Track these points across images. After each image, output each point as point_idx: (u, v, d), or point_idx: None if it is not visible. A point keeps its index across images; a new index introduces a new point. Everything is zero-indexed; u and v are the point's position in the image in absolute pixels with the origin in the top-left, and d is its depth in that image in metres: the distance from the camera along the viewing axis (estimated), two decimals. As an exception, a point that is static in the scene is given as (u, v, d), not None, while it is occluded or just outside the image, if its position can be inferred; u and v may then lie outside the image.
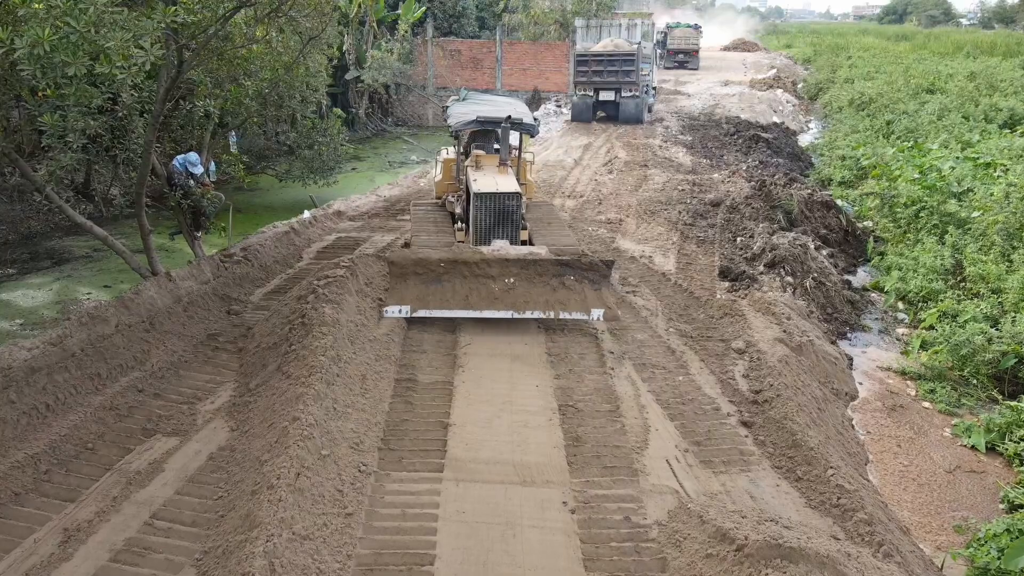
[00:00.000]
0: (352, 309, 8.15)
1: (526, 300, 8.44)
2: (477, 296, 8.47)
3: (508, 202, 9.48)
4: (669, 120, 24.93)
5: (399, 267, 8.72)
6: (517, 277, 8.47)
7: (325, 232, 12.88)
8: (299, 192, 17.49)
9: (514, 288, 8.46)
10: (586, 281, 8.64)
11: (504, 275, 8.47)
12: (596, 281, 8.70)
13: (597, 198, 15.00)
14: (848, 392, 8.73)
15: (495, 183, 9.68)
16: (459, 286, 8.53)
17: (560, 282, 8.56)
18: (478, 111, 10.71)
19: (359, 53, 26.50)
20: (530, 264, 8.51)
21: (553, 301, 8.47)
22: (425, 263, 8.65)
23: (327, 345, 7.20)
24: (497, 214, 9.51)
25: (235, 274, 10.33)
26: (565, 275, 8.56)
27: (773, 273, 10.98)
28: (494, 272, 8.51)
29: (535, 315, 8.51)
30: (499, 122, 10.24)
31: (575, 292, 8.56)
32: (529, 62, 30.04)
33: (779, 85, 35.40)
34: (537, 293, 8.48)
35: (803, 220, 13.65)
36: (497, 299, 8.43)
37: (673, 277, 10.78)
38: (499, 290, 8.46)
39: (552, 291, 8.52)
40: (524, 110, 11.28)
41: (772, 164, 17.97)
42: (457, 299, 8.48)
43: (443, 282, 8.56)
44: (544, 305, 8.45)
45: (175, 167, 9.83)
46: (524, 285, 8.50)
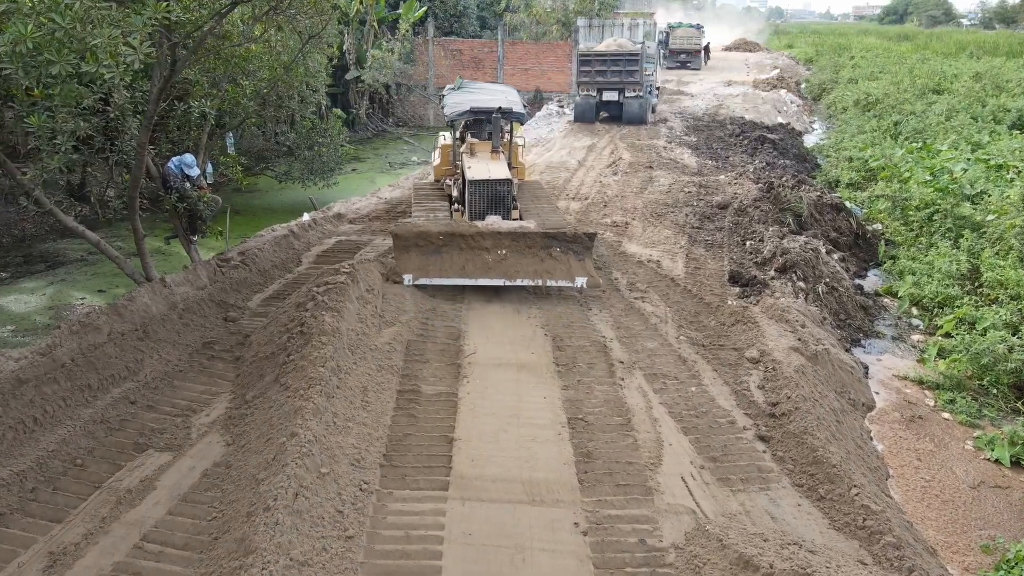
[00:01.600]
0: (353, 317, 7.88)
1: (517, 269, 9.34)
2: (473, 266, 9.35)
3: (499, 187, 10.33)
4: (673, 121, 24.64)
5: (402, 239, 9.43)
6: (509, 249, 9.36)
7: (325, 235, 12.60)
8: (299, 193, 17.24)
9: (506, 259, 9.36)
10: (571, 252, 9.48)
11: (497, 247, 9.36)
12: (580, 252, 9.52)
13: (602, 200, 14.72)
14: (865, 402, 8.46)
15: (488, 170, 10.52)
16: (456, 257, 9.38)
17: (548, 253, 9.43)
18: (472, 100, 11.55)
19: (359, 53, 26.22)
20: (520, 237, 9.38)
21: (541, 270, 9.36)
22: (426, 235, 9.43)
23: (327, 356, 6.92)
24: (490, 198, 10.32)
25: (232, 279, 10.05)
26: (552, 247, 9.41)
27: (784, 278, 10.70)
28: (488, 244, 9.38)
29: (525, 283, 9.42)
30: (491, 112, 11.04)
31: (561, 262, 9.43)
32: (531, 62, 29.77)
33: (783, 85, 35.12)
34: (527, 263, 9.35)
35: (813, 223, 13.37)
36: (491, 268, 9.34)
37: (682, 282, 10.51)
38: (492, 260, 9.35)
39: (540, 261, 9.41)
40: (515, 98, 12.12)
41: (779, 166, 17.69)
42: (455, 268, 9.36)
43: (442, 253, 9.41)
44: (533, 274, 9.37)
45: (170, 169, 9.55)
46: (515, 256, 9.39)
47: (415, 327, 8.61)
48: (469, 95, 12.15)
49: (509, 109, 11.16)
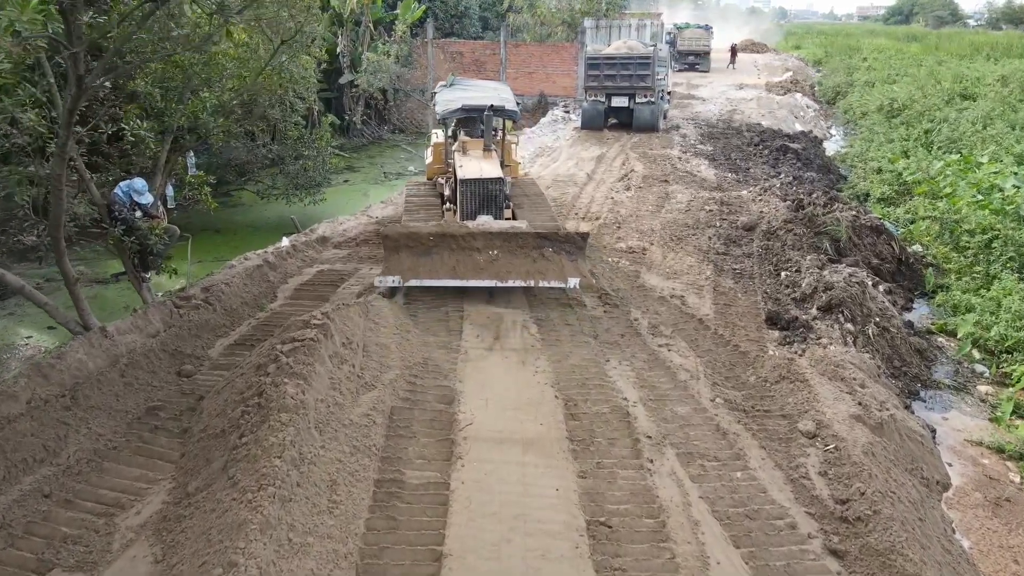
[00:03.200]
0: (323, 383, 6.49)
1: (508, 270, 9.03)
2: (464, 267, 9.05)
3: (491, 186, 10.08)
4: (686, 127, 23.24)
5: (392, 240, 9.18)
6: (500, 249, 9.06)
7: (305, 263, 11.21)
8: (285, 208, 15.83)
9: (497, 259, 9.04)
10: (563, 252, 9.16)
11: (488, 247, 9.07)
12: (572, 253, 9.22)
13: (615, 221, 13.32)
14: (940, 480, 7.05)
15: (480, 168, 10.26)
16: (447, 257, 9.09)
17: (540, 253, 9.15)
18: (464, 98, 11.27)
19: (354, 56, 24.83)
20: (512, 237, 9.09)
21: (533, 271, 9.06)
22: (416, 236, 9.16)
23: (286, 441, 5.54)
24: (482, 197, 10.08)
25: (192, 322, 8.67)
26: (544, 247, 9.11)
27: (830, 319, 9.31)
28: (479, 244, 9.08)
29: (517, 284, 9.10)
30: (483, 110, 10.69)
31: (553, 263, 9.12)
32: (535, 64, 28.37)
33: (797, 88, 33.69)
34: (518, 264, 9.07)
35: (852, 248, 11.96)
36: (482, 269, 9.04)
37: (712, 324, 9.12)
38: (484, 261, 9.06)
39: (532, 262, 9.11)
40: (508, 96, 11.89)
41: (806, 180, 16.27)
42: (445, 269, 9.07)
43: (432, 254, 9.12)
44: (525, 274, 9.07)
45: (117, 196, 8.17)
46: (507, 256, 9.08)
47: (401, 388, 7.22)
48: (462, 92, 11.93)
49: (501, 107, 10.89)
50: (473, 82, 14.11)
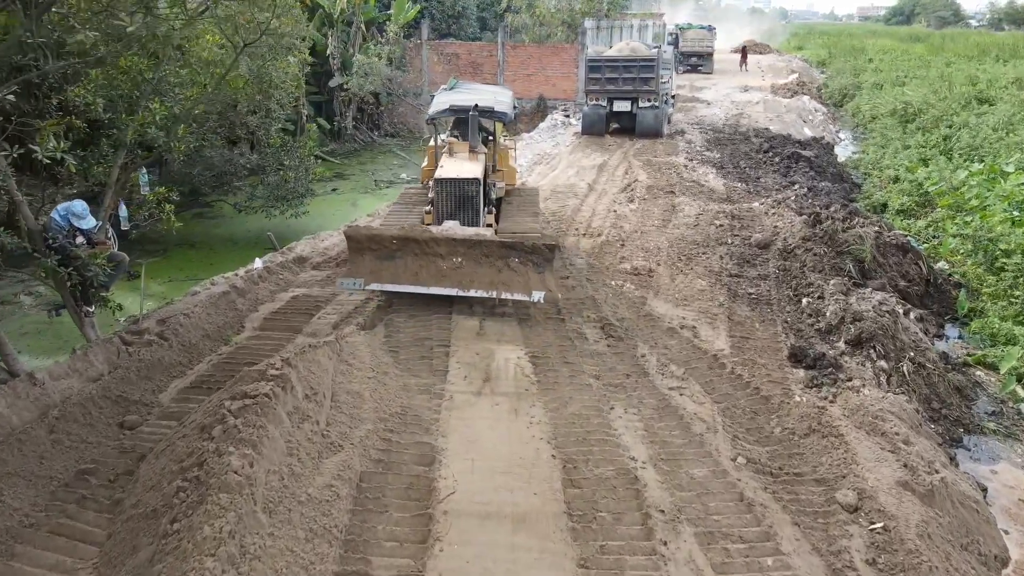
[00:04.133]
0: (277, 450, 5.51)
1: (472, 279, 8.73)
2: (427, 273, 8.81)
3: (467, 187, 9.76)
4: (691, 133, 22.26)
5: (355, 241, 8.95)
6: (464, 257, 8.74)
7: (279, 288, 10.23)
8: (267, 221, 14.81)
9: (461, 267, 8.74)
10: (530, 264, 8.78)
11: (452, 254, 8.76)
12: (540, 264, 8.81)
13: (618, 237, 12.33)
14: (997, 554, 6.06)
15: (458, 169, 9.99)
16: (411, 263, 8.84)
17: (505, 263, 8.77)
18: (454, 100, 10.97)
19: (345, 58, 23.83)
20: (476, 244, 8.77)
21: (497, 281, 8.72)
22: (379, 239, 8.89)
23: (223, 534, 4.56)
24: (457, 199, 9.77)
25: (143, 361, 7.69)
26: (510, 257, 8.75)
27: (860, 355, 8.33)
28: (443, 251, 8.78)
29: (479, 294, 8.75)
30: (469, 110, 10.45)
31: (519, 274, 8.75)
32: (534, 67, 27.37)
33: (804, 91, 32.70)
34: (483, 273, 8.73)
35: (876, 268, 10.97)
36: (445, 276, 8.77)
37: (728, 362, 8.12)
38: (447, 268, 8.77)
39: (497, 272, 8.75)
40: (505, 99, 11.53)
41: (822, 190, 15.30)
42: (408, 274, 8.84)
43: (396, 258, 8.86)
44: (488, 285, 8.72)
45: (54, 221, 7.19)
46: (471, 265, 8.76)
47: (372, 447, 6.23)
48: (458, 95, 11.49)
49: (490, 108, 10.54)
50: (475, 86, 13.57)
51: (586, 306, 9.54)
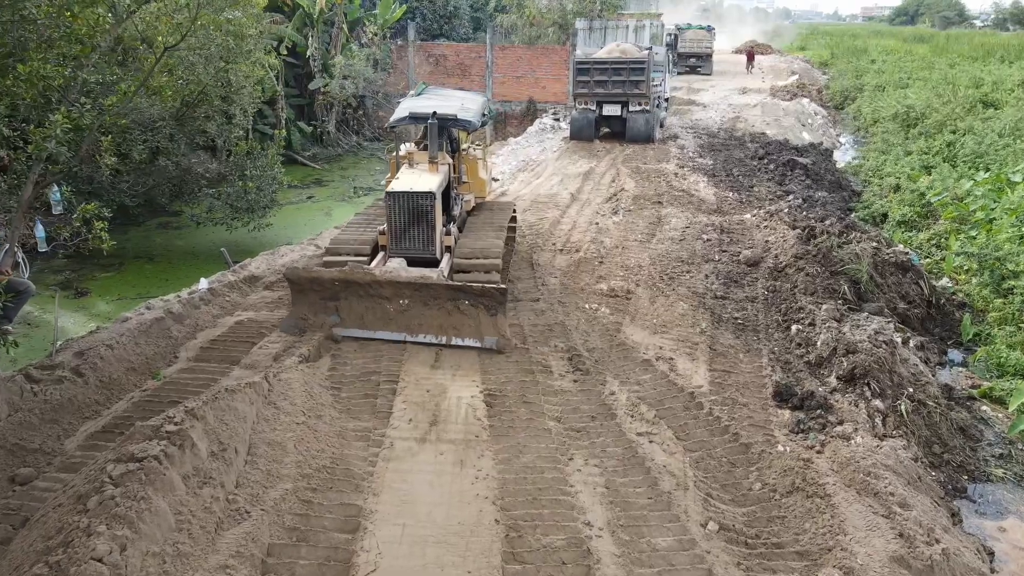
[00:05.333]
0: (163, 526, 4.70)
1: (420, 323, 8.22)
2: (373, 316, 8.29)
3: (420, 202, 8.99)
4: (684, 137, 21.45)
5: (296, 284, 8.48)
6: (411, 299, 8.22)
7: (224, 311, 9.43)
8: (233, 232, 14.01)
9: (408, 309, 8.23)
10: (482, 307, 8.16)
11: (398, 296, 8.23)
12: (492, 308, 8.17)
13: (598, 253, 11.52)
14: (1007, 639, 5.25)
15: (412, 182, 9.22)
16: (355, 304, 8.31)
17: (455, 306, 8.18)
18: (415, 106, 10.26)
19: (325, 59, 23.03)
20: (423, 287, 8.21)
21: (447, 326, 8.21)
22: (319, 281, 8.37)
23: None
24: (410, 214, 9.05)
25: (50, 402, 6.89)
26: (460, 299, 8.15)
27: (852, 392, 7.50)
28: (387, 293, 8.24)
29: (428, 339, 8.19)
30: (428, 117, 9.68)
31: (470, 317, 8.19)
32: (524, 69, 26.55)
33: (804, 93, 31.84)
34: (431, 316, 8.22)
35: (874, 289, 10.15)
36: (391, 320, 8.26)
37: (706, 401, 7.30)
38: (393, 310, 8.27)
39: (447, 315, 8.21)
40: (474, 106, 10.84)
41: (818, 201, 14.47)
42: (353, 318, 8.32)
43: (340, 299, 8.32)
44: (438, 329, 8.21)
45: (-58, 247, 6.43)
46: (418, 307, 8.22)
47: (288, 511, 5.43)
48: (422, 101, 10.79)
49: (452, 115, 9.77)
50: (444, 91, 12.63)
51: (555, 333, 8.75)
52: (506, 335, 8.20)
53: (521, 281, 10.44)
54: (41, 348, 9.31)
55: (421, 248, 9.13)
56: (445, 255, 9.38)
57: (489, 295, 8.08)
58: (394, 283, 8.20)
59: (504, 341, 8.13)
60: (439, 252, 9.24)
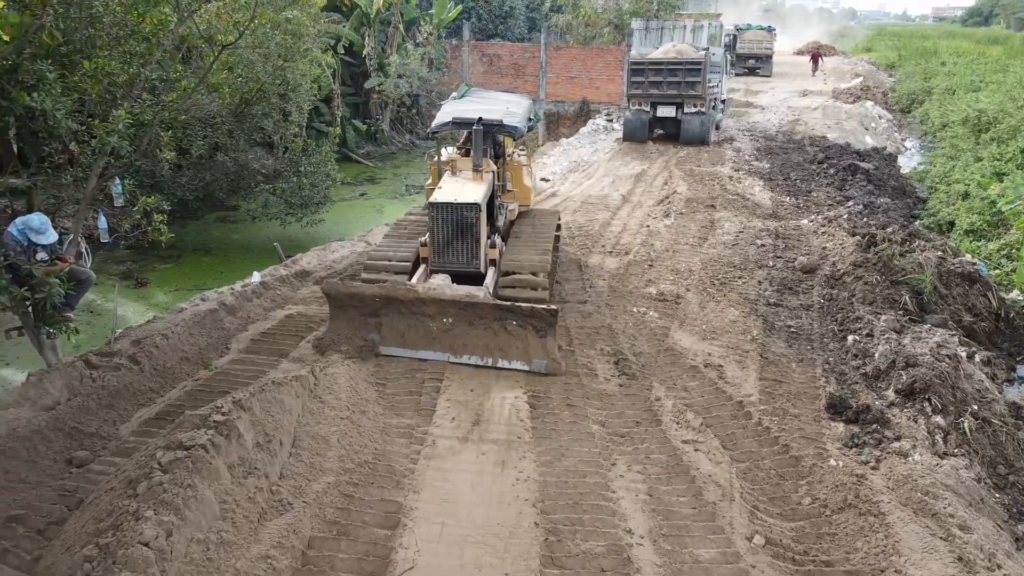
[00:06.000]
0: (208, 513, 4.79)
1: (464, 343, 7.85)
2: (414, 334, 7.93)
3: (465, 214, 8.56)
4: (740, 140, 21.01)
5: (335, 300, 8.11)
6: (455, 318, 7.84)
7: (275, 304, 9.61)
8: (287, 227, 14.30)
9: (452, 328, 7.85)
10: (530, 328, 7.71)
11: (441, 314, 7.85)
12: (541, 329, 7.72)
13: (648, 257, 11.36)
14: (1074, 676, 4.95)
15: (456, 192, 8.79)
16: (396, 322, 7.95)
17: (502, 326, 7.76)
18: (459, 111, 9.79)
19: (381, 58, 23.32)
20: (468, 306, 7.80)
21: (493, 347, 7.81)
22: (359, 297, 8.00)
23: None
24: (454, 227, 8.63)
25: (107, 388, 7.12)
26: (507, 319, 7.75)
27: (911, 407, 7.19)
28: (431, 311, 7.86)
29: (472, 361, 7.78)
30: (472, 123, 9.23)
31: (517, 338, 7.75)
32: (577, 69, 26.39)
33: (868, 96, 30.85)
34: (476, 336, 7.82)
35: (937, 301, 9.73)
36: (434, 340, 7.89)
37: (755, 410, 7.11)
38: (437, 329, 7.88)
39: (493, 335, 7.79)
40: (519, 110, 10.23)
41: (879, 207, 13.98)
42: (394, 336, 7.96)
43: (380, 316, 7.96)
44: (483, 350, 7.82)
45: (10, 237, 6.68)
46: (463, 326, 7.83)
47: (329, 504, 5.48)
48: (466, 104, 10.23)
49: (497, 121, 9.28)
50: (488, 93, 12.23)
51: (601, 336, 8.64)
52: (556, 358, 7.75)
53: (569, 283, 10.36)
54: (101, 336, 9.65)
55: (465, 262, 8.72)
56: (490, 269, 8.94)
57: (539, 316, 7.63)
58: (438, 300, 7.80)
59: (554, 364, 7.70)
60: (484, 266, 8.83)
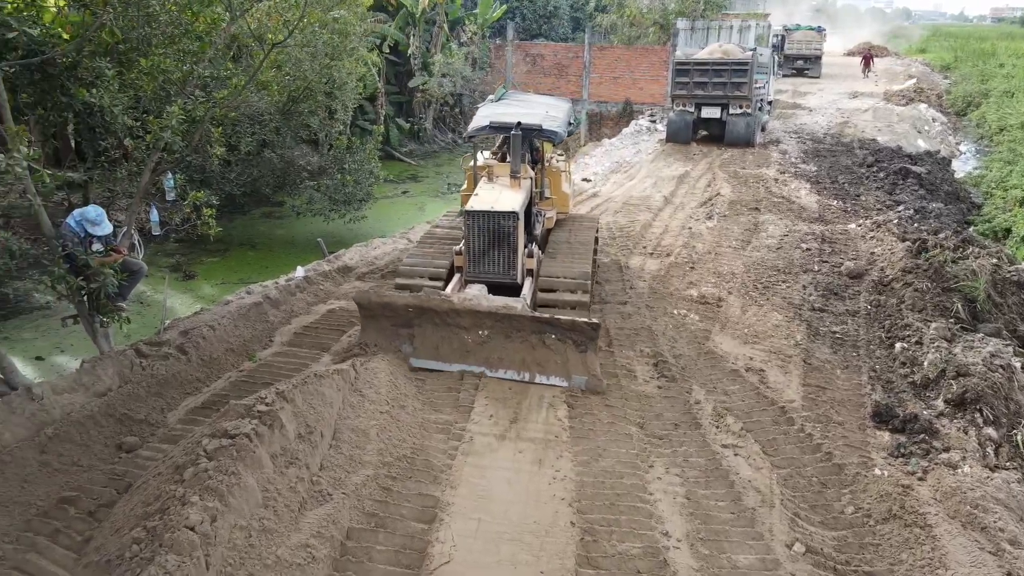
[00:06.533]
0: (250, 501, 4.89)
1: (500, 356, 7.52)
2: (448, 346, 7.63)
3: (502, 223, 8.22)
4: (787, 142, 20.64)
5: (366, 309, 7.82)
6: (491, 330, 7.52)
7: (317, 299, 9.77)
8: (331, 223, 14.52)
9: (488, 341, 7.54)
10: (570, 342, 7.37)
11: (477, 326, 7.53)
12: (582, 344, 7.36)
13: (689, 259, 11.24)
14: None
15: (493, 200, 8.43)
16: (430, 333, 7.65)
17: (540, 339, 7.42)
18: (496, 114, 9.44)
19: (425, 58, 23.52)
20: (505, 318, 7.45)
21: (530, 361, 7.47)
22: (391, 307, 7.68)
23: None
24: (490, 236, 8.28)
25: (156, 376, 7.33)
26: (545, 333, 7.39)
27: (962, 418, 6.98)
28: (466, 323, 7.54)
29: (509, 375, 7.46)
30: (511, 128, 8.82)
31: (556, 353, 7.41)
32: (621, 69, 26.22)
33: (922, 98, 30.02)
34: (513, 349, 7.50)
35: (991, 309, 9.42)
36: (469, 352, 7.59)
37: (798, 416, 6.98)
38: (472, 342, 7.57)
39: (531, 348, 7.45)
40: (559, 114, 9.92)
41: (931, 212, 13.60)
42: (427, 348, 7.67)
43: (413, 327, 7.68)
44: (520, 364, 7.48)
45: (68, 228, 6.91)
46: (499, 339, 7.51)
47: (367, 497, 5.55)
48: (503, 108, 9.95)
49: (536, 126, 8.92)
50: (526, 96, 12.00)
51: (641, 338, 8.59)
52: (597, 374, 7.37)
53: (609, 283, 10.31)
54: (151, 326, 9.94)
55: (502, 272, 8.38)
56: (527, 279, 8.63)
57: (579, 330, 7.25)
58: (474, 312, 7.47)
59: (595, 381, 7.33)
60: (520, 277, 8.50)
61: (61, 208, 11.81)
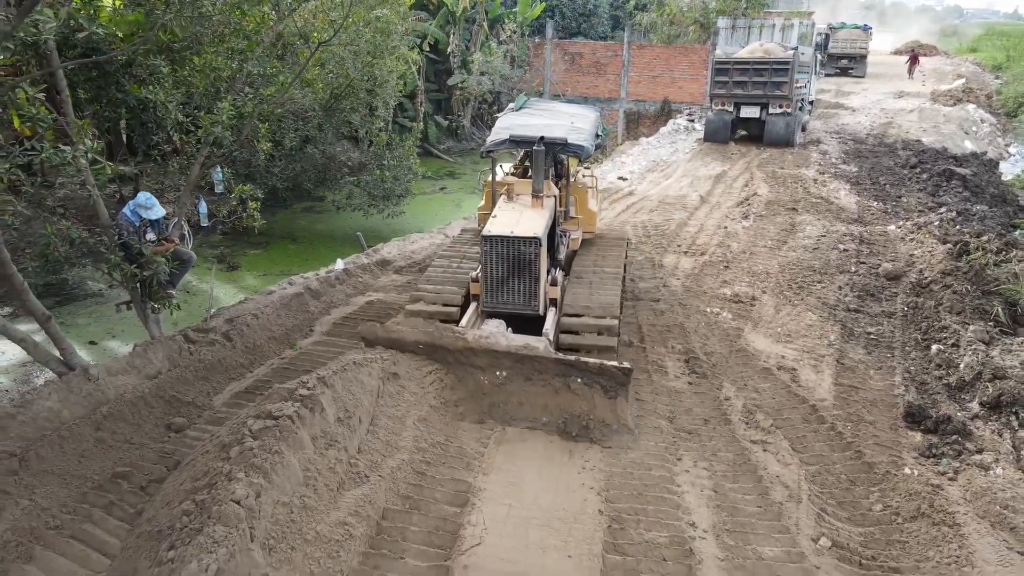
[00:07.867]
0: (292, 479, 5.13)
1: (520, 401, 6.81)
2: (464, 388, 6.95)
3: (523, 248, 7.39)
4: (827, 142, 20.39)
5: (370, 344, 7.16)
6: (510, 371, 6.84)
7: (356, 291, 10.04)
8: (370, 218, 14.84)
9: (506, 384, 6.86)
10: (597, 387, 6.63)
11: (494, 366, 6.86)
12: (611, 389, 6.60)
13: (724, 257, 11.25)
14: None
15: (513, 223, 7.62)
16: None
17: (564, 383, 6.71)
18: (517, 126, 8.56)
19: (464, 56, 23.77)
20: (525, 359, 6.74)
21: (553, 406, 6.72)
22: (399, 343, 7.04)
23: (209, 572, 4.22)
24: (510, 263, 7.48)
25: (203, 361, 7.66)
26: (571, 376, 6.67)
27: (996, 421, 6.93)
28: (482, 363, 6.87)
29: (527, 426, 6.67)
30: (533, 142, 7.91)
31: (582, 398, 6.67)
32: (660, 68, 26.15)
33: (970, 99, 29.31)
34: (534, 393, 6.78)
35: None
36: (485, 395, 6.89)
37: (828, 415, 7.00)
38: (488, 384, 6.90)
39: (554, 393, 6.74)
40: (584, 125, 8.98)
41: (975, 215, 13.36)
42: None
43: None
44: (542, 410, 6.74)
45: (124, 217, 7.26)
46: (518, 381, 6.83)
47: (402, 480, 5.76)
48: (525, 119, 9.10)
49: (561, 140, 7.99)
50: (549, 104, 10.96)
51: (673, 334, 8.67)
52: (628, 424, 6.60)
53: (643, 280, 10.39)
54: (197, 314, 10.32)
55: (522, 303, 7.58)
56: (550, 310, 7.83)
57: (608, 374, 6.51)
58: (490, 351, 6.79)
59: (625, 428, 6.58)
60: (543, 307, 7.67)
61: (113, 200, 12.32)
